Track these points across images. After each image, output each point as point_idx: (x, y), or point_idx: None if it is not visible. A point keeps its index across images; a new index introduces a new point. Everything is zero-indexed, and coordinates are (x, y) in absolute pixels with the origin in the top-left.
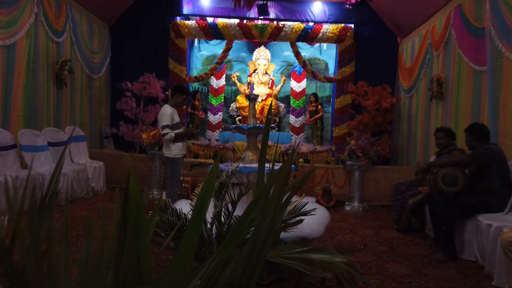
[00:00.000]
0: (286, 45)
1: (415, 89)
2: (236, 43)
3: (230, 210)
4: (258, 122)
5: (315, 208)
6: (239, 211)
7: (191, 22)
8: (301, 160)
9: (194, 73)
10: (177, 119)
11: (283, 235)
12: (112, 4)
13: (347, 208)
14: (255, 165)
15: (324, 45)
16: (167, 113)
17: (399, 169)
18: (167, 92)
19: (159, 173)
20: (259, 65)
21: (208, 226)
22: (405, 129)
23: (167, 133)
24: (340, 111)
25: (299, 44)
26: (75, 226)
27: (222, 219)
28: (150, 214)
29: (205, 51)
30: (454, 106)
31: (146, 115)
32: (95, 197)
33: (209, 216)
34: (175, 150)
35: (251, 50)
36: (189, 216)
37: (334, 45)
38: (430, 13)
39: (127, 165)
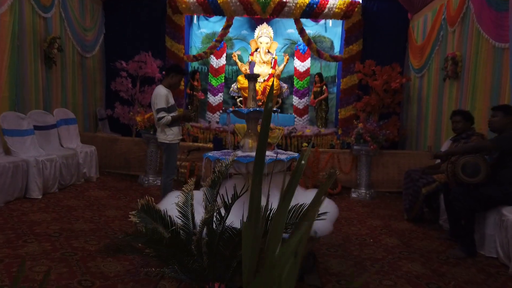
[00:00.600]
0: (290, 22)
1: (426, 69)
2: (237, 20)
3: (223, 215)
4: (260, 104)
5: (326, 212)
6: (233, 216)
7: None
8: (305, 144)
9: (194, 52)
10: (172, 101)
11: (286, 235)
12: None
13: (354, 195)
14: (255, 153)
15: (330, 22)
16: (162, 94)
17: (409, 154)
18: (164, 72)
19: (155, 158)
20: (261, 43)
21: (197, 235)
22: (415, 111)
23: (163, 116)
24: (346, 92)
25: (303, 21)
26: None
27: (214, 225)
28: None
29: (204, 28)
30: (471, 86)
31: (142, 96)
32: (86, 184)
33: (198, 219)
34: (171, 135)
35: (252, 28)
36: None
37: (340, 23)
38: None
39: (122, 149)
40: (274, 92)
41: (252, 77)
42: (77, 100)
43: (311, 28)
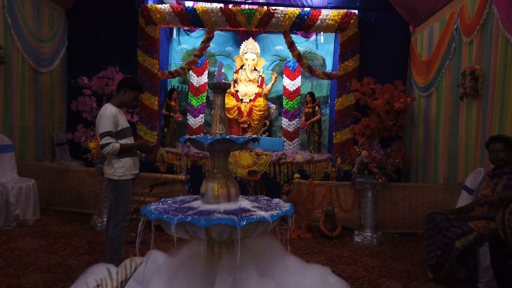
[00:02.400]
0: (278, 38)
1: (434, 86)
2: (221, 36)
3: None
4: (246, 126)
5: None
6: None
7: (165, 6)
8: (296, 175)
9: (173, 69)
10: (124, 123)
11: None
12: None
13: (357, 239)
14: (224, 206)
15: (321, 38)
16: (108, 115)
17: (421, 188)
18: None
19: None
20: (246, 59)
21: None
22: (421, 135)
23: (108, 143)
24: (341, 113)
25: (293, 37)
26: None
27: None
28: None
29: (185, 44)
30: (497, 106)
31: None
32: (17, 230)
33: None
34: (121, 168)
35: (238, 44)
36: None
37: (332, 39)
38: None
39: (74, 182)
40: (261, 113)
41: (219, 88)
42: (27, 122)
43: (301, 44)
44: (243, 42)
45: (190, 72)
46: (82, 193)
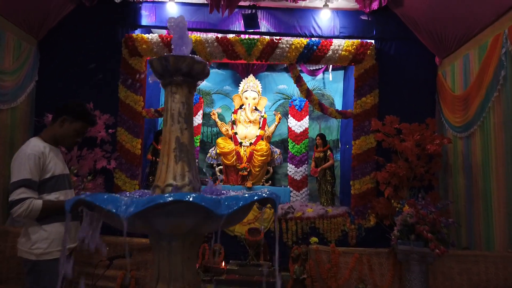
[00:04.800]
0: (281, 76)
1: (477, 125)
2: (219, 74)
3: None
4: (246, 173)
5: None
6: None
7: (152, 36)
8: (314, 240)
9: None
10: (56, 168)
11: None
12: (39, 8)
13: None
14: None
15: (330, 76)
16: (29, 154)
17: (484, 257)
18: (110, 130)
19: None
20: (246, 98)
21: None
22: (461, 184)
23: (23, 199)
24: (360, 158)
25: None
26: None
27: None
28: None
29: None
30: None
31: (81, 164)
32: None
33: None
34: (43, 242)
35: (237, 83)
36: None
37: (341, 77)
38: (505, 8)
39: (14, 250)
40: (263, 158)
41: (179, 71)
42: None
43: (308, 84)
44: (243, 80)
45: None
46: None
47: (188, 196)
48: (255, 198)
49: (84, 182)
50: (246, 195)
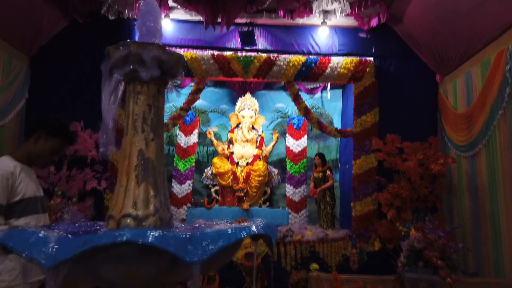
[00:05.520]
0: (279, 95)
1: (482, 144)
2: (215, 93)
3: None
4: (242, 194)
5: None
6: None
7: None
8: (314, 266)
9: None
10: (28, 190)
11: None
12: (32, 25)
13: None
14: None
15: (328, 94)
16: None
17: (497, 285)
18: (101, 149)
19: None
20: (243, 117)
21: None
22: (467, 206)
23: None
24: (361, 179)
25: None
26: None
27: None
28: None
29: (174, 102)
30: None
31: (69, 185)
32: None
33: None
34: (8, 273)
35: (233, 101)
36: None
37: (339, 96)
38: (508, 24)
39: None
40: (260, 179)
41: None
42: None
43: (305, 102)
44: (240, 98)
45: (177, 131)
46: None
47: (145, 236)
48: (242, 235)
49: (68, 205)
50: (230, 230)
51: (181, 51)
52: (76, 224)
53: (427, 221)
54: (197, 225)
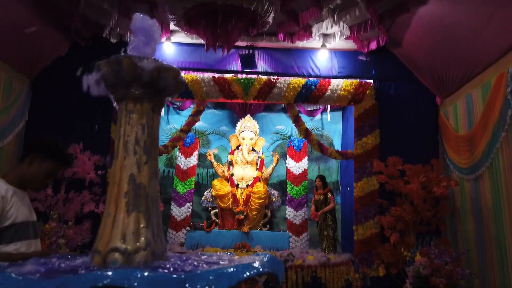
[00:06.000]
0: (279, 117)
1: (485, 167)
2: (215, 115)
3: None
4: (242, 217)
5: None
6: None
7: None
8: None
9: None
10: (20, 214)
11: None
12: (33, 48)
13: None
14: None
15: (328, 117)
16: None
17: None
18: (100, 172)
19: None
20: (243, 139)
21: None
22: (471, 230)
23: None
24: (363, 201)
25: None
26: None
27: None
28: None
29: (175, 123)
30: None
31: (66, 208)
32: None
33: None
34: None
35: (233, 123)
36: None
37: (339, 118)
38: (508, 47)
39: None
40: (261, 201)
41: (141, 78)
42: None
43: (306, 124)
44: (240, 120)
45: (177, 153)
46: None
47: (130, 279)
48: (245, 275)
49: (64, 229)
50: (231, 269)
51: (182, 73)
52: (57, 260)
53: (433, 246)
54: (194, 257)
